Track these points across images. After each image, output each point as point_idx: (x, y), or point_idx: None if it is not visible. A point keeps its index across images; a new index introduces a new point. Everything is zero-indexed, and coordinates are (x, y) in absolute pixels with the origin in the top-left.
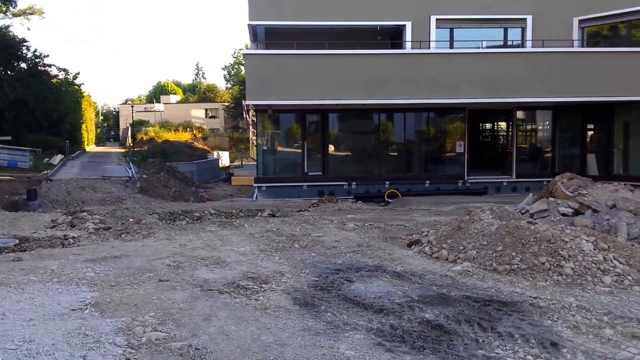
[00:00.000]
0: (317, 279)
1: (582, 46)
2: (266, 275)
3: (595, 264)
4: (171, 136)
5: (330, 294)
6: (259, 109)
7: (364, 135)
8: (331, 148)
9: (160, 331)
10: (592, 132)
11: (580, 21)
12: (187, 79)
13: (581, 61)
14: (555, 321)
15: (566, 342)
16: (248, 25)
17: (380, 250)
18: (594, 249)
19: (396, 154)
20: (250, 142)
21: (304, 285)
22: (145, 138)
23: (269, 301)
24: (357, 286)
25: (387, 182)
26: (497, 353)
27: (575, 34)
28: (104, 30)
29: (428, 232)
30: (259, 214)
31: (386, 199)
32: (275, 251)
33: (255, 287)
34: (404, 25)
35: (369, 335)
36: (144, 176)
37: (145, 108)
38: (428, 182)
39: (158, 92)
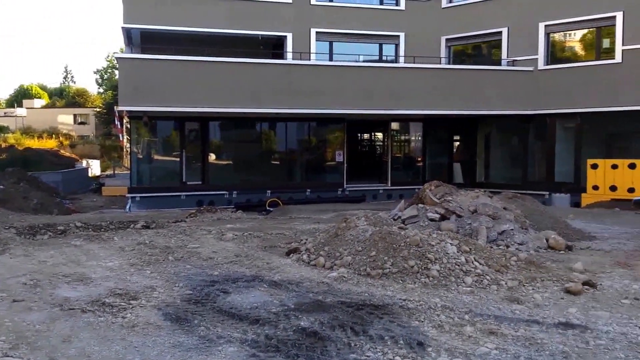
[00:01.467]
0: (191, 292)
1: (449, 63)
2: (135, 291)
3: (459, 265)
4: (34, 143)
5: (205, 307)
6: (133, 116)
7: (246, 144)
8: (212, 157)
9: (12, 356)
10: (458, 143)
11: (447, 40)
12: (55, 83)
13: (448, 77)
14: (422, 321)
15: (431, 341)
16: (122, 28)
17: (259, 260)
18: (457, 252)
19: (278, 162)
20: (124, 150)
21: (177, 299)
22: (4, 145)
23: (138, 318)
24: (234, 297)
25: (269, 191)
26: (367, 356)
27: (443, 52)
28: None
29: (307, 240)
30: (132, 225)
31: (267, 208)
32: (147, 265)
33: (123, 303)
34: (285, 36)
35: (243, 347)
36: (1, 187)
37: (5, 113)
38: (309, 190)
39: (20, 96)
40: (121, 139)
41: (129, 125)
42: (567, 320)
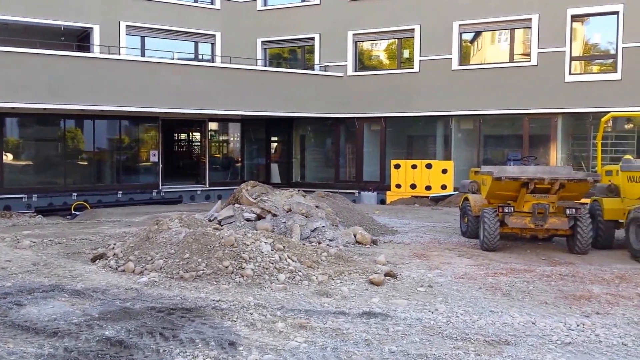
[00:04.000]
0: None
1: (265, 65)
2: None
3: (273, 263)
4: None
5: None
6: None
7: (49, 142)
8: (9, 157)
9: None
10: (275, 143)
11: (263, 42)
12: None
13: (264, 79)
14: (235, 321)
15: (243, 340)
16: None
17: (60, 268)
18: (271, 250)
19: (86, 163)
20: None
21: None
22: None
23: None
24: (29, 310)
25: (75, 194)
26: None
27: (259, 54)
28: None
29: (115, 244)
30: None
31: (73, 212)
32: None
33: None
34: (92, 28)
35: None
36: None
37: None
38: (121, 192)
39: None
40: None
41: None
42: (370, 310)
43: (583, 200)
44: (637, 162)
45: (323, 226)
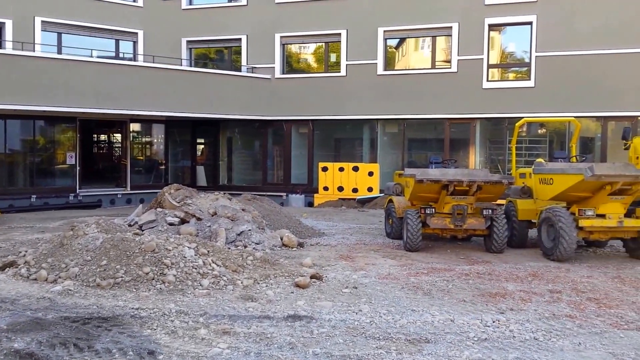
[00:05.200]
0: None
1: (191, 66)
2: None
3: (196, 268)
4: None
5: None
6: None
7: None
8: None
9: None
10: (201, 146)
11: (188, 42)
12: None
13: (189, 80)
14: (155, 329)
15: (163, 348)
16: None
17: None
18: (195, 255)
19: None
20: None
21: None
22: None
23: None
24: None
25: None
26: None
27: (184, 54)
28: None
29: (26, 251)
30: None
31: None
32: None
33: None
34: (3, 23)
35: None
36: None
37: None
38: (35, 196)
39: None
40: None
41: None
42: (295, 313)
43: (499, 202)
44: (549, 165)
45: (249, 229)
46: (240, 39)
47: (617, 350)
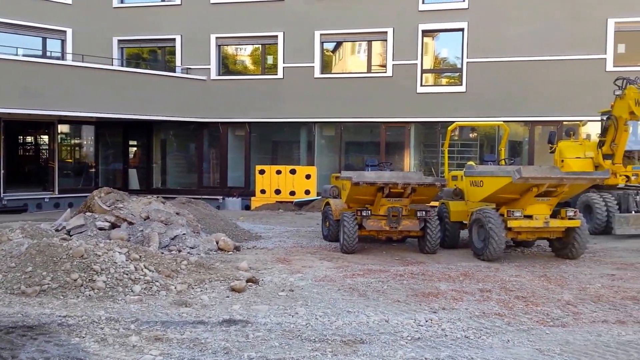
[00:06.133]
0: None
1: (122, 65)
2: None
3: (127, 274)
4: None
5: None
6: None
7: None
8: None
9: None
10: (134, 148)
11: (120, 41)
12: None
13: (120, 80)
14: (84, 337)
15: (92, 356)
16: None
17: None
18: (126, 260)
19: None
20: None
21: None
22: None
23: None
24: None
25: None
26: None
27: (115, 53)
28: None
29: None
30: None
31: None
32: None
33: None
34: None
35: None
36: None
37: None
38: None
39: None
40: None
41: None
42: (231, 317)
43: (432, 204)
44: (479, 168)
45: (184, 233)
46: (174, 39)
47: (543, 346)
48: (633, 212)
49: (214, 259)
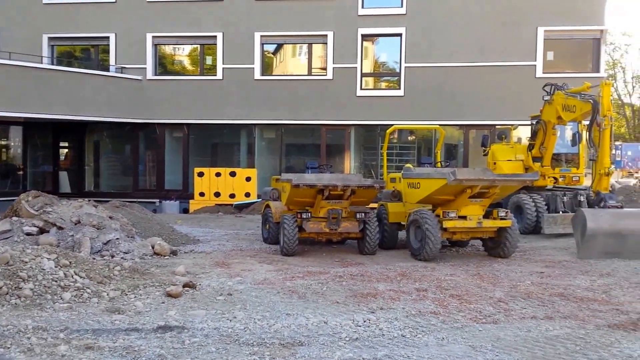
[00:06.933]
0: None
1: (52, 64)
2: None
3: (56, 281)
4: None
5: None
6: None
7: None
8: None
9: None
10: (65, 149)
11: (50, 39)
12: None
13: (50, 79)
14: (9, 347)
15: None
16: None
17: None
18: (55, 267)
19: None
20: None
21: None
22: None
23: None
24: None
25: None
26: None
27: (45, 51)
28: None
29: None
30: None
31: None
32: None
33: None
34: None
35: None
36: None
37: None
38: None
39: None
40: None
41: None
42: (166, 323)
43: (372, 205)
44: (416, 170)
45: (117, 238)
46: (108, 38)
47: (476, 342)
48: (561, 212)
49: (149, 264)
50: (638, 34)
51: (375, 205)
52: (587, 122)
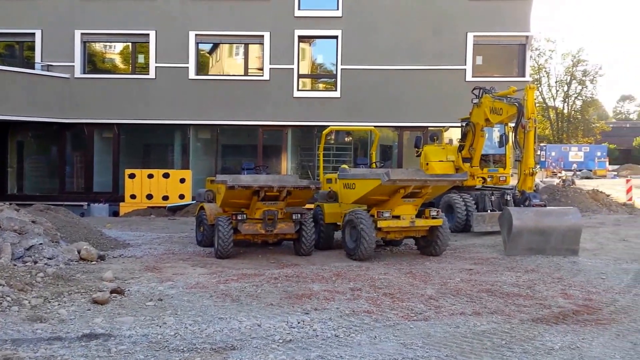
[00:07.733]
0: None
1: None
2: None
3: None
4: None
5: None
6: None
7: None
8: None
9: None
10: None
11: None
12: None
13: None
14: None
15: None
16: None
17: None
18: None
19: None
20: None
21: None
22: None
23: None
24: None
25: None
26: None
27: None
28: None
29: None
30: None
31: None
32: None
33: None
34: None
35: None
36: None
37: None
38: None
39: None
40: None
41: None
42: (92, 331)
43: (308, 206)
44: (351, 171)
45: (40, 243)
46: (33, 34)
47: (407, 340)
48: (489, 210)
49: (75, 270)
50: (560, 41)
51: (311, 206)
52: (513, 124)
